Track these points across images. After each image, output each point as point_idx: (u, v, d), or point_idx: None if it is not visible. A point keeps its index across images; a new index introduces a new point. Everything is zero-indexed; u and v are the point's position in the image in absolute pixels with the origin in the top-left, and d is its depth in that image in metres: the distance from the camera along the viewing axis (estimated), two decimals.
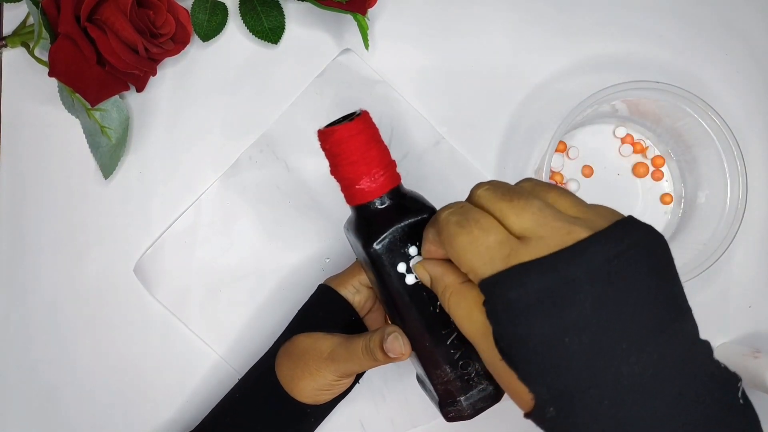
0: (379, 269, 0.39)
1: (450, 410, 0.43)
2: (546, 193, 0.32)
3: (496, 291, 0.29)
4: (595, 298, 0.28)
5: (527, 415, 0.30)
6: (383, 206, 0.40)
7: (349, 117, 0.40)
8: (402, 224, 0.39)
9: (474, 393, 0.42)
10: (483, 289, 0.30)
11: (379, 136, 0.41)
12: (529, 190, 0.32)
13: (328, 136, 0.39)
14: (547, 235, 0.29)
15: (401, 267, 0.39)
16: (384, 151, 0.41)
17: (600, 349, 0.28)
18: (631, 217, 0.31)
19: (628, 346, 0.28)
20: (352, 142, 0.39)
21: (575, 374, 0.28)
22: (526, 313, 0.28)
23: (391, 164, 0.41)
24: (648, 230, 0.30)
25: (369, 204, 0.40)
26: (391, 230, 0.39)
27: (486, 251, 0.30)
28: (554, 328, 0.28)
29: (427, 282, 0.37)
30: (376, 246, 0.39)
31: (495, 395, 0.43)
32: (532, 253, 0.29)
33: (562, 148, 0.57)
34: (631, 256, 0.29)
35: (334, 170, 0.41)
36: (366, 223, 0.40)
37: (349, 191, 0.40)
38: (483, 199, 0.32)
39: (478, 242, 0.30)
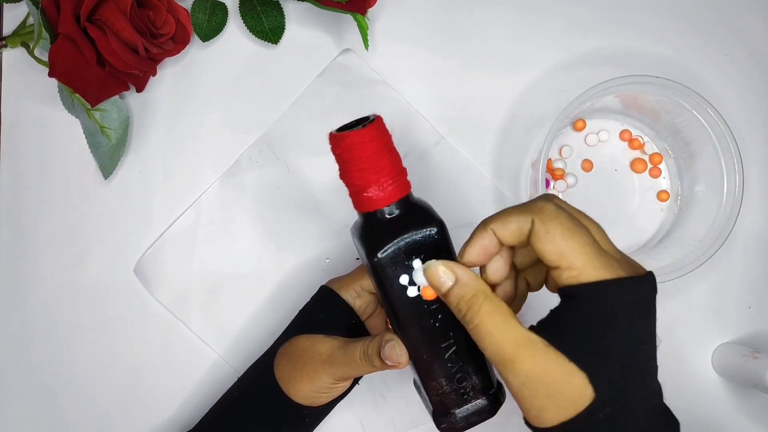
0: (381, 279, 0.39)
1: (443, 421, 0.42)
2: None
3: (608, 297, 0.32)
4: (651, 326, 0.34)
5: (565, 424, 0.33)
6: (390, 216, 0.39)
7: (363, 121, 0.39)
8: (407, 236, 0.38)
9: (468, 407, 0.42)
10: (585, 290, 0.33)
11: (392, 143, 0.40)
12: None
13: (339, 141, 0.38)
14: (626, 263, 0.34)
15: (404, 279, 0.39)
16: (395, 159, 0.40)
17: (650, 364, 0.34)
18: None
19: (653, 367, 0.34)
20: (363, 149, 0.38)
21: (637, 382, 0.33)
22: (619, 320, 0.32)
23: (402, 173, 0.40)
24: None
25: (376, 212, 0.39)
26: (395, 241, 0.38)
27: (598, 256, 0.33)
28: (634, 338, 0.33)
29: (442, 285, 0.36)
30: (380, 256, 0.38)
31: (489, 410, 0.43)
32: (627, 270, 0.33)
33: (581, 126, 0.57)
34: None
35: (344, 175, 0.40)
36: (372, 231, 0.39)
37: (357, 198, 0.40)
38: (573, 211, 0.35)
39: (593, 246, 0.33)
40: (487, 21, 0.57)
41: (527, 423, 0.35)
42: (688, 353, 0.57)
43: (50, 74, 0.48)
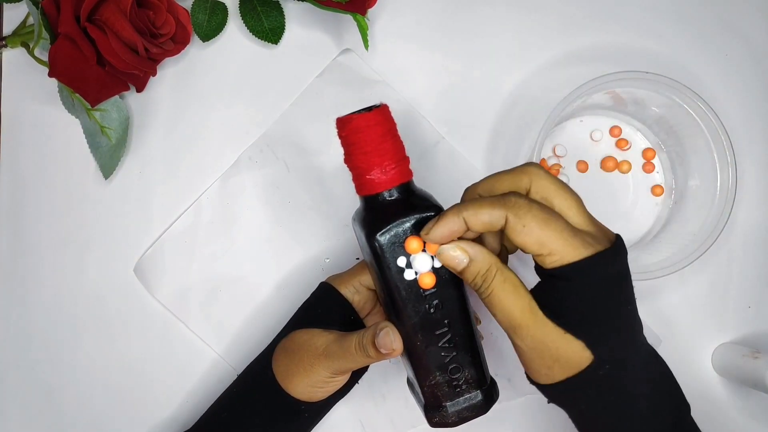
0: (380, 261, 0.40)
1: (434, 415, 0.42)
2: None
3: (590, 272, 0.36)
4: (630, 288, 0.38)
5: (570, 380, 0.37)
6: (391, 199, 0.40)
7: (370, 109, 0.41)
8: (407, 219, 0.39)
9: (461, 401, 0.42)
10: (569, 271, 0.36)
11: (396, 130, 0.41)
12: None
13: (345, 123, 0.40)
14: (599, 234, 0.38)
15: (401, 261, 0.40)
16: (399, 145, 0.41)
17: (636, 320, 0.38)
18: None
19: (639, 322, 0.39)
20: (367, 132, 0.39)
21: (628, 339, 0.38)
22: (603, 289, 0.37)
23: (405, 159, 0.41)
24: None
25: (377, 195, 0.40)
26: (395, 223, 0.39)
27: (574, 237, 0.36)
28: (618, 302, 0.37)
29: (458, 265, 0.38)
30: (379, 237, 0.39)
31: (483, 406, 0.43)
32: (602, 242, 0.37)
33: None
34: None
35: (348, 158, 0.41)
36: (372, 213, 0.40)
37: (359, 180, 0.41)
38: (546, 190, 0.38)
39: (568, 229, 0.36)
40: (487, 20, 0.58)
41: (533, 382, 0.40)
42: (688, 353, 0.57)
43: (50, 74, 0.49)
